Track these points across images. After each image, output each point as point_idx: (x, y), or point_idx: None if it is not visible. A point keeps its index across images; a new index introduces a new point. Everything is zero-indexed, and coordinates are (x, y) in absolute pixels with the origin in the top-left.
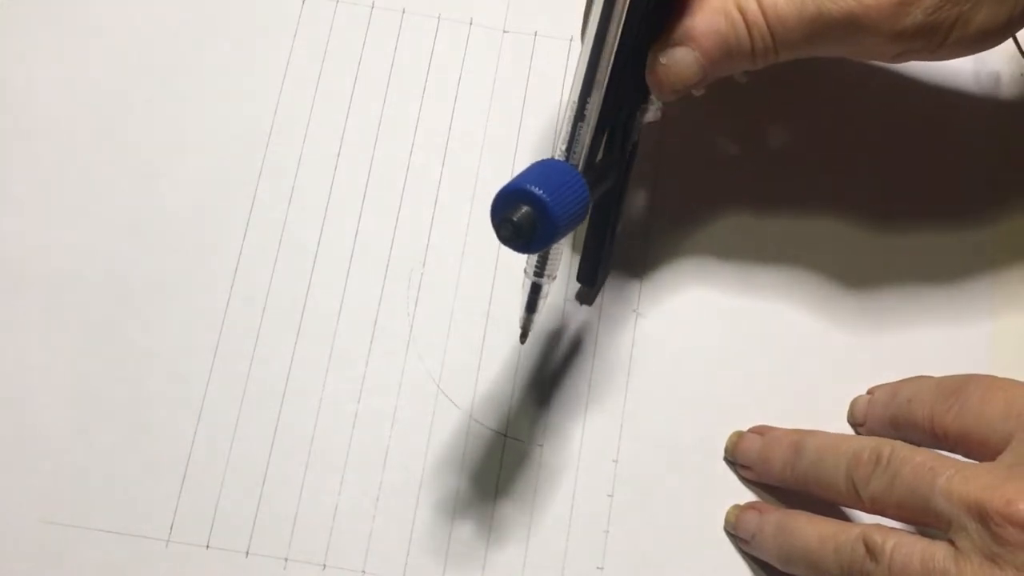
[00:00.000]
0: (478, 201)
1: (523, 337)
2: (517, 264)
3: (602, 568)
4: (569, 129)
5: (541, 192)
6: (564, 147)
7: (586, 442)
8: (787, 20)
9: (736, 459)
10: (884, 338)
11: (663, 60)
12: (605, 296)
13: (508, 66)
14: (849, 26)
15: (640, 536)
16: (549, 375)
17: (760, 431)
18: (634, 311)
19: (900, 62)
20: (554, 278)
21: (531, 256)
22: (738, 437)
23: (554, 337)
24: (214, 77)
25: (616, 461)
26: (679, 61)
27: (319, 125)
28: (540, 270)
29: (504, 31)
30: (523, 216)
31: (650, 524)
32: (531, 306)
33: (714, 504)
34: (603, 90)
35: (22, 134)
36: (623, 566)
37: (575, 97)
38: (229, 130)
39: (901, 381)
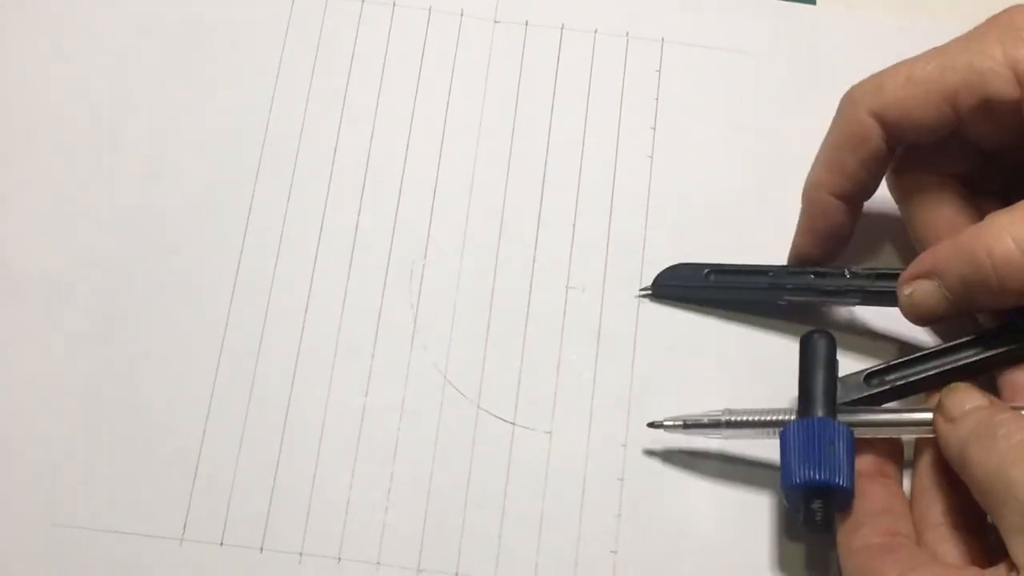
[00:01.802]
0: (476, 191)
1: (655, 424)
2: (517, 255)
3: (615, 552)
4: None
5: (843, 482)
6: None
7: (595, 428)
8: None
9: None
10: None
11: (907, 291)
12: (608, 280)
13: (500, 56)
14: None
15: (652, 519)
16: (555, 362)
17: None
18: (636, 296)
19: None
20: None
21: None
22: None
23: (558, 324)
24: (209, 75)
25: (625, 446)
26: (923, 292)
27: (315, 121)
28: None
29: (495, 21)
30: (825, 510)
31: (662, 507)
32: (694, 425)
33: (724, 485)
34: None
35: (21, 135)
36: (636, 550)
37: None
38: (226, 128)
39: None
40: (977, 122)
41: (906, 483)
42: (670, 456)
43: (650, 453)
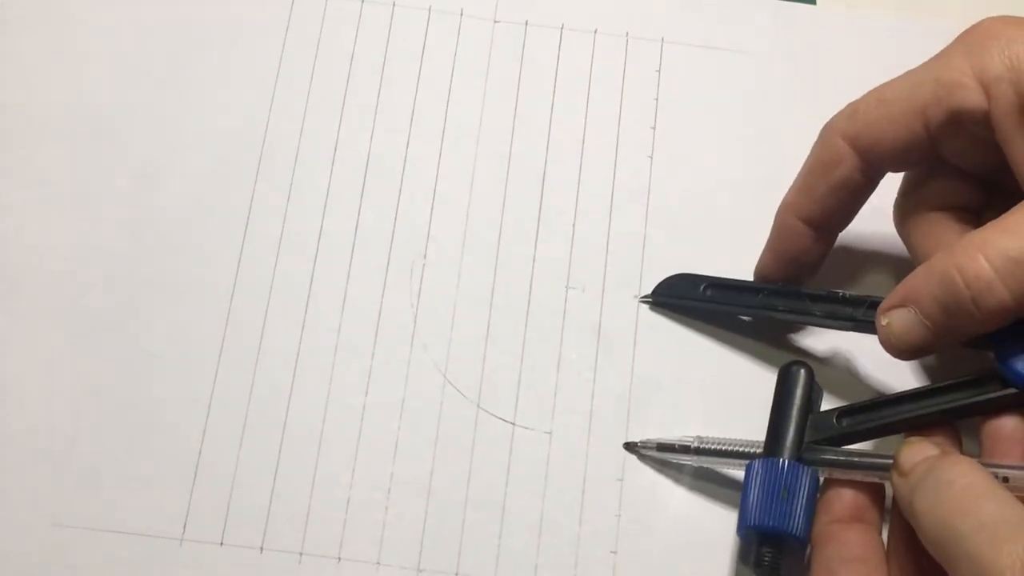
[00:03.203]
0: (476, 191)
1: (628, 447)
2: (518, 253)
3: (615, 552)
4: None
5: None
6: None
7: (595, 428)
8: (1020, 263)
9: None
10: None
11: (884, 321)
12: (608, 281)
13: (500, 55)
14: None
15: (652, 520)
16: (555, 362)
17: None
18: (635, 296)
19: None
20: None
21: (711, 440)
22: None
23: (558, 324)
24: (209, 74)
25: (625, 446)
26: (900, 321)
27: (315, 120)
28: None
29: (495, 21)
30: (775, 558)
31: (662, 508)
32: (665, 448)
33: (724, 486)
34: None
35: (20, 135)
36: (636, 550)
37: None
38: (226, 127)
39: None
40: (950, 138)
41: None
42: (670, 457)
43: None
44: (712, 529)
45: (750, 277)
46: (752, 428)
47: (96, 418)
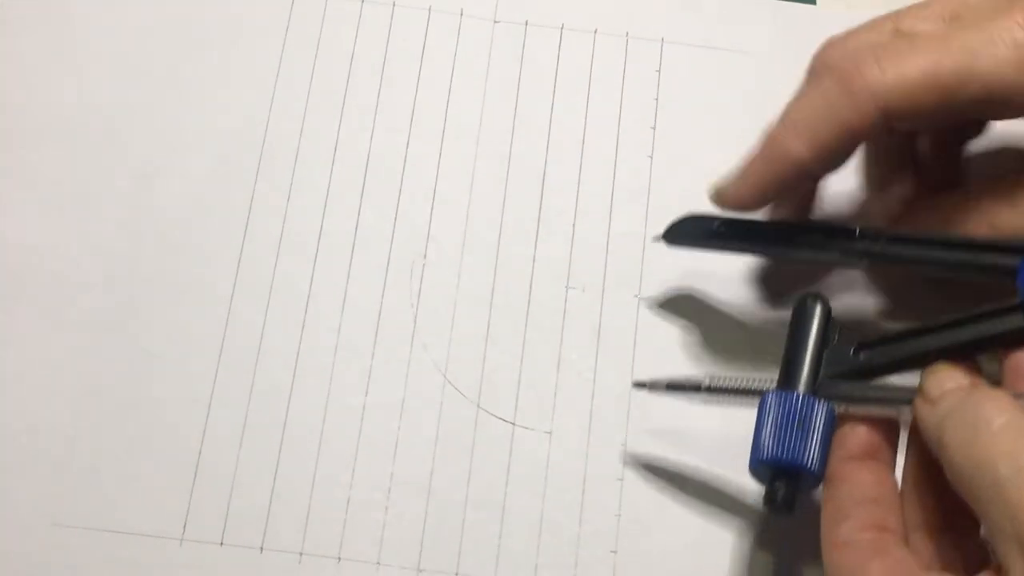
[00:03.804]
0: (476, 191)
1: (640, 385)
2: (518, 253)
3: (615, 552)
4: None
5: (809, 464)
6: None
7: (595, 427)
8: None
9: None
10: None
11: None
12: (607, 280)
13: (500, 56)
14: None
15: (652, 520)
16: (555, 362)
17: None
18: (635, 296)
19: None
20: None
21: (720, 378)
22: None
23: (558, 323)
24: (209, 74)
25: (625, 445)
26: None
27: (315, 120)
28: (717, 391)
29: (495, 21)
30: (786, 491)
31: (662, 507)
32: (676, 387)
33: (724, 485)
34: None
35: (20, 135)
36: (636, 550)
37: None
38: (226, 127)
39: None
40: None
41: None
42: (670, 456)
43: (650, 453)
44: (712, 529)
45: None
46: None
47: (96, 418)
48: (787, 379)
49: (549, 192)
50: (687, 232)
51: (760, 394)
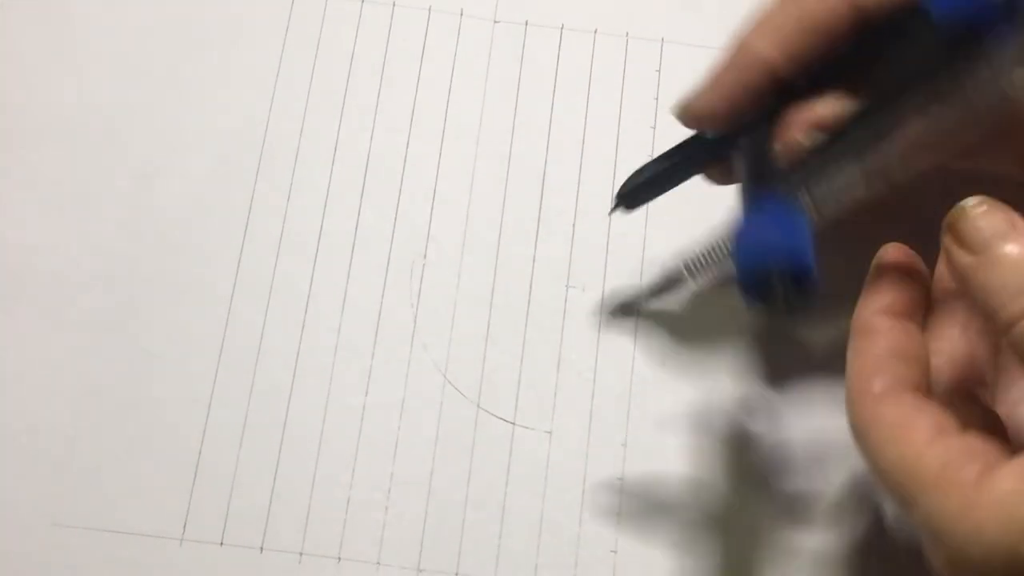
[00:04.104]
0: (476, 191)
1: (624, 310)
2: (518, 253)
3: (615, 551)
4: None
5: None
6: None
7: (594, 427)
8: None
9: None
10: None
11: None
12: (607, 280)
13: (500, 56)
14: None
15: (652, 519)
16: (555, 361)
17: None
18: (635, 295)
19: None
20: (696, 279)
21: (699, 255)
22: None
23: (558, 323)
24: (209, 75)
25: (625, 445)
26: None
27: (314, 120)
28: (698, 268)
29: (495, 21)
30: (789, 288)
31: (661, 506)
32: (659, 291)
33: (724, 485)
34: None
35: (20, 135)
36: (636, 549)
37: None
38: (225, 128)
39: None
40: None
41: None
42: (670, 456)
43: (650, 453)
44: (713, 528)
45: None
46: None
47: (96, 418)
48: (747, 205)
49: (549, 192)
50: (639, 188)
51: (728, 242)
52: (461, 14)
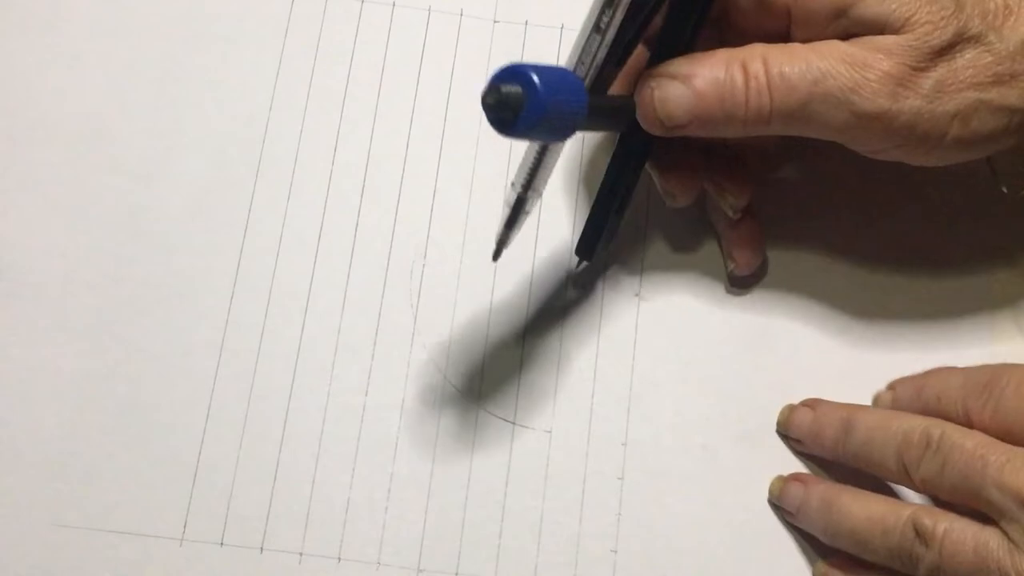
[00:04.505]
0: (476, 191)
1: (496, 254)
2: (517, 253)
3: (615, 551)
4: (583, 41)
5: (534, 74)
6: (575, 58)
7: (594, 427)
8: (789, 79)
9: (787, 432)
10: (888, 354)
11: (654, 86)
12: (607, 280)
13: (500, 56)
14: (845, 100)
15: (652, 518)
16: (555, 361)
17: (811, 404)
18: (636, 295)
19: (886, 158)
20: (540, 195)
21: (520, 169)
22: (789, 410)
23: (558, 323)
24: (209, 75)
25: (625, 444)
26: (671, 93)
27: (314, 121)
28: (528, 182)
29: (495, 21)
30: (511, 92)
31: (661, 506)
32: (511, 222)
33: (722, 484)
34: (624, 8)
35: (19, 136)
36: (636, 549)
37: (596, 8)
38: (226, 128)
39: (924, 375)
40: None
41: None
42: (670, 456)
43: (650, 453)
44: (712, 528)
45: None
46: (754, 424)
47: (96, 418)
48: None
49: (548, 192)
50: (591, 241)
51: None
52: (461, 14)
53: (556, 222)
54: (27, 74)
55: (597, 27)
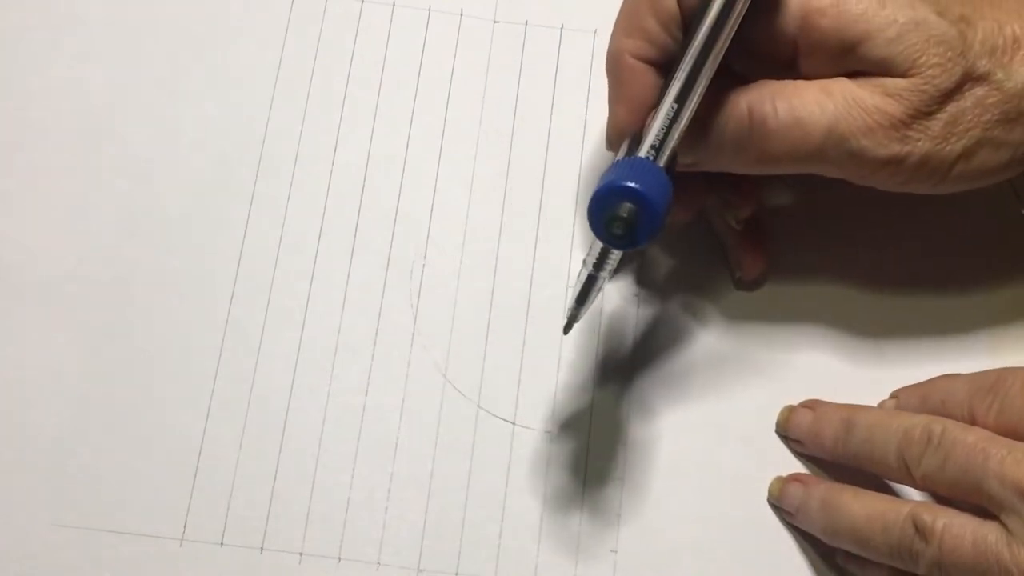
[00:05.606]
0: (476, 191)
1: (567, 328)
2: (517, 253)
3: (616, 552)
4: (664, 128)
5: (641, 187)
6: (655, 146)
7: (595, 427)
8: (803, 123)
9: (787, 433)
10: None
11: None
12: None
13: (500, 56)
14: (857, 146)
15: (652, 518)
16: (555, 362)
17: (810, 405)
18: (636, 295)
19: (888, 190)
20: (612, 273)
21: (592, 248)
22: (789, 411)
23: (558, 323)
24: (209, 75)
25: (625, 445)
26: None
27: (314, 121)
28: (601, 263)
29: (495, 21)
30: (630, 213)
31: (661, 506)
32: (583, 298)
33: (724, 485)
34: (701, 93)
35: (19, 136)
36: (637, 549)
37: (673, 96)
38: (226, 128)
39: (928, 382)
40: None
41: None
42: (670, 456)
43: (650, 453)
44: (713, 528)
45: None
46: (754, 423)
47: (96, 417)
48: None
49: (549, 192)
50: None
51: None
52: (461, 14)
53: (556, 222)
54: (27, 74)
55: (677, 117)
